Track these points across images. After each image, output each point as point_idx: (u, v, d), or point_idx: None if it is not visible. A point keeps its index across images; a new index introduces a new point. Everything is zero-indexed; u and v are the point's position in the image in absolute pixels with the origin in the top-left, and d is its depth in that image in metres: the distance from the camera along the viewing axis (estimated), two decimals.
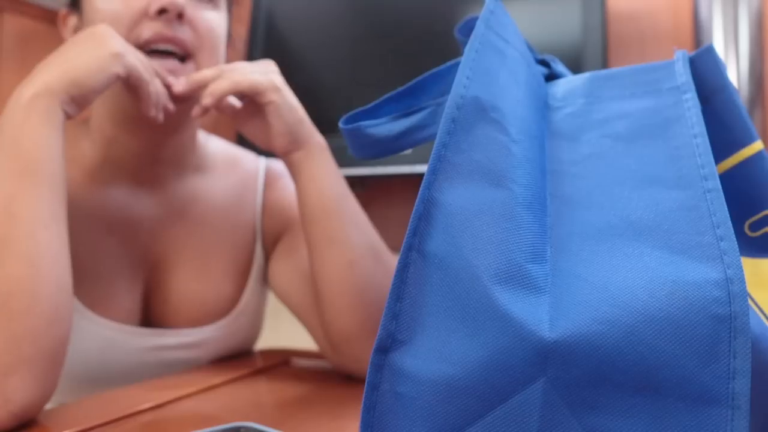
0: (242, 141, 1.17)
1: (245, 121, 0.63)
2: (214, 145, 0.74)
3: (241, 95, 0.61)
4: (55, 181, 0.50)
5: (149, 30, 0.58)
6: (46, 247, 0.47)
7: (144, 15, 0.58)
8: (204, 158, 0.72)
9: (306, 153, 0.61)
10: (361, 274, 0.59)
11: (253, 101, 0.61)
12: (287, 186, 0.75)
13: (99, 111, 0.64)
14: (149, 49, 0.58)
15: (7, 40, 1.11)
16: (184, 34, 0.59)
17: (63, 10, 0.66)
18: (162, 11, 0.57)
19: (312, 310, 0.66)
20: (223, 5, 0.66)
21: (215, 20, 0.63)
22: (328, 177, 0.61)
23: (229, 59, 0.69)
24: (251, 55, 1.19)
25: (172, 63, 0.59)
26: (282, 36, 1.19)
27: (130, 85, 0.56)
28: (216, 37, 0.63)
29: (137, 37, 0.58)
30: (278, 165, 0.78)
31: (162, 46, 0.58)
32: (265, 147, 0.62)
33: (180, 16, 0.59)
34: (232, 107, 0.62)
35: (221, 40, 0.65)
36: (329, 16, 1.14)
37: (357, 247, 0.60)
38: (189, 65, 0.60)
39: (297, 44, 1.17)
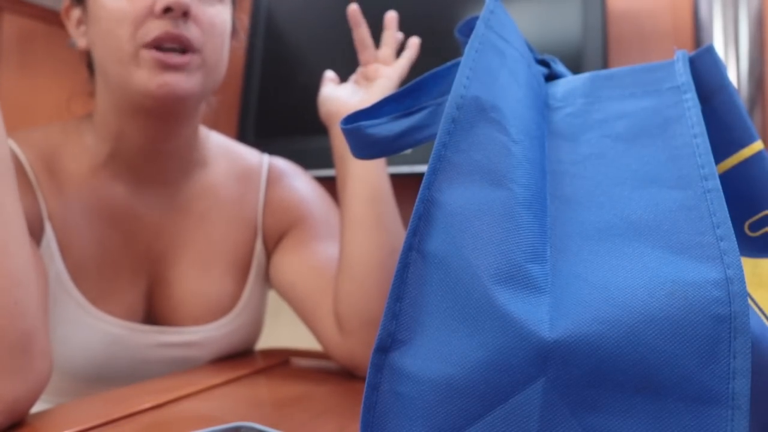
0: (242, 138, 1.17)
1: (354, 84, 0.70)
2: (216, 141, 0.74)
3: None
4: None
5: (156, 29, 0.57)
6: None
7: (149, 13, 0.58)
8: (206, 154, 0.72)
9: None
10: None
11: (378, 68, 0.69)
12: (291, 184, 0.75)
13: (104, 104, 0.64)
14: (154, 46, 0.58)
15: (7, 40, 1.11)
16: (189, 31, 0.59)
17: (66, 2, 0.66)
18: (167, 10, 0.57)
19: (320, 301, 0.66)
20: None
21: (220, 15, 0.63)
22: (383, 163, 0.65)
23: (233, 51, 0.69)
24: (251, 54, 1.19)
25: (177, 56, 0.59)
26: (282, 35, 1.19)
27: None
28: (220, 32, 0.63)
29: (143, 36, 0.58)
30: (281, 163, 0.78)
31: (168, 45, 0.58)
32: (341, 113, 0.66)
33: (185, 14, 0.59)
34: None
35: (226, 34, 0.65)
36: (329, 15, 1.14)
37: (399, 236, 0.63)
38: (194, 57, 0.60)
39: (297, 44, 1.17)
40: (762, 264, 0.34)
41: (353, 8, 0.69)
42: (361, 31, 0.70)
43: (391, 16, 0.70)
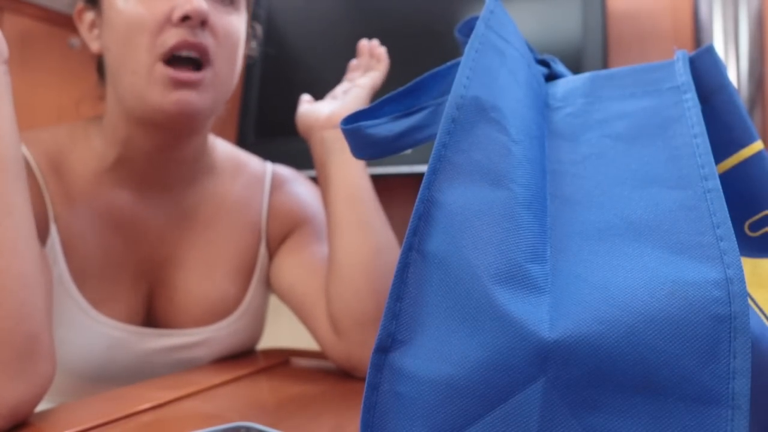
0: (242, 138, 1.17)
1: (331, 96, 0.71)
2: (222, 148, 0.75)
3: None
4: (8, 168, 0.47)
5: (174, 37, 0.57)
6: (1, 244, 0.45)
7: (167, 21, 0.58)
8: (213, 161, 0.72)
9: None
10: (384, 261, 0.62)
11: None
12: (293, 190, 0.76)
13: (113, 110, 0.64)
14: (170, 57, 0.58)
15: (7, 40, 1.11)
16: (206, 40, 0.59)
17: (80, 5, 0.65)
18: (185, 18, 0.57)
19: (317, 302, 0.67)
20: (243, 6, 0.66)
21: (235, 24, 0.63)
22: (362, 165, 0.66)
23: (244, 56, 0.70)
24: (251, 54, 1.19)
25: (191, 73, 0.58)
26: (282, 36, 1.19)
27: None
28: (235, 42, 0.63)
29: (162, 44, 0.58)
30: (284, 170, 0.79)
31: (185, 53, 0.58)
32: (320, 122, 0.67)
33: (203, 23, 0.59)
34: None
35: (240, 43, 0.65)
36: (329, 16, 1.14)
37: (384, 234, 0.64)
38: (207, 72, 0.60)
39: (297, 44, 1.17)
40: (762, 264, 0.34)
41: (363, 43, 0.74)
42: (363, 60, 0.73)
43: (363, 45, 0.74)
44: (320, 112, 0.68)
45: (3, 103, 0.48)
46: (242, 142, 1.16)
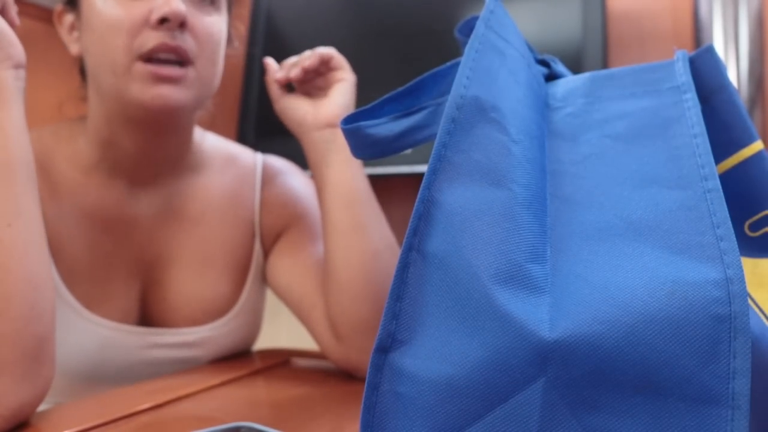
0: (242, 138, 1.17)
1: (304, 93, 0.67)
2: (211, 143, 0.74)
3: (315, 71, 0.66)
4: (17, 170, 0.47)
5: (152, 40, 0.57)
6: (11, 246, 0.45)
7: (145, 23, 0.57)
8: (200, 156, 0.71)
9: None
10: (383, 265, 0.61)
11: (323, 77, 0.66)
12: (286, 182, 0.75)
13: (95, 111, 0.64)
14: (150, 58, 0.58)
15: None
16: (185, 42, 0.59)
17: (59, 7, 0.65)
18: (163, 20, 0.57)
19: (315, 303, 0.66)
20: (224, 6, 0.65)
21: (216, 25, 0.63)
22: (359, 165, 0.64)
23: (228, 58, 0.69)
24: (251, 54, 1.19)
25: (172, 69, 0.58)
26: (282, 36, 1.19)
27: None
28: (216, 42, 0.63)
29: (140, 46, 0.57)
30: (276, 161, 0.77)
31: (164, 56, 0.58)
32: (309, 121, 0.64)
33: (182, 25, 0.58)
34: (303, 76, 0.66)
35: (221, 44, 0.65)
36: (329, 16, 1.14)
37: (381, 238, 0.62)
38: (189, 70, 0.60)
39: (297, 44, 1.17)
40: (762, 264, 0.34)
41: (268, 65, 0.68)
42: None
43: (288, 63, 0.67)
44: (315, 113, 0.65)
45: (14, 107, 0.48)
46: (242, 142, 1.16)
